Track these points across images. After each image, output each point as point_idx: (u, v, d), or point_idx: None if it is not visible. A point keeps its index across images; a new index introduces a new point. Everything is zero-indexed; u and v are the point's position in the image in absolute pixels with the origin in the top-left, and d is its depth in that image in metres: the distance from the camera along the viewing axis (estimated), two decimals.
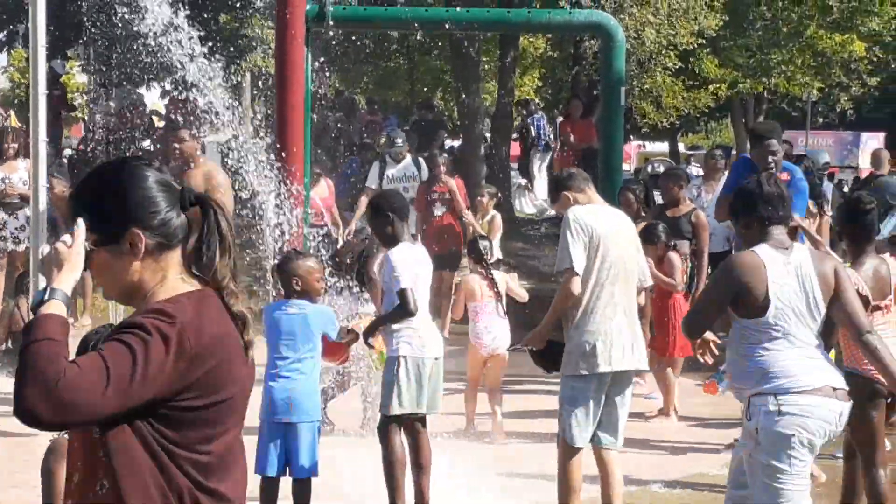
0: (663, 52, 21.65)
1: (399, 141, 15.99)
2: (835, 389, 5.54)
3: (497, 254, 14.96)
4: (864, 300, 6.45)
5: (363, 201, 14.20)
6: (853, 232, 7.17)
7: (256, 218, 9.64)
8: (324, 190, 15.47)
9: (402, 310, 7.20)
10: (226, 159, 9.50)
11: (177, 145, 10.42)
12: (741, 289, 5.52)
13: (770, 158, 9.02)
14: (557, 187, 7.21)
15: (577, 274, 6.75)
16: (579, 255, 6.76)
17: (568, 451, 6.88)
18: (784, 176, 8.86)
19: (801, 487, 5.50)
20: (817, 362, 5.57)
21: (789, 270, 5.57)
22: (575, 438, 6.86)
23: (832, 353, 6.35)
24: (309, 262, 7.17)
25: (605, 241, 6.83)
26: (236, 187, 9.89)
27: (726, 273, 5.64)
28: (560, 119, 24.21)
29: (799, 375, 5.49)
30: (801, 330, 5.55)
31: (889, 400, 7.02)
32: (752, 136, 9.55)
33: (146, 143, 22.04)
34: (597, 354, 6.80)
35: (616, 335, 6.84)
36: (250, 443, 6.93)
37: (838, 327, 5.92)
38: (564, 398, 6.90)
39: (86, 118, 25.56)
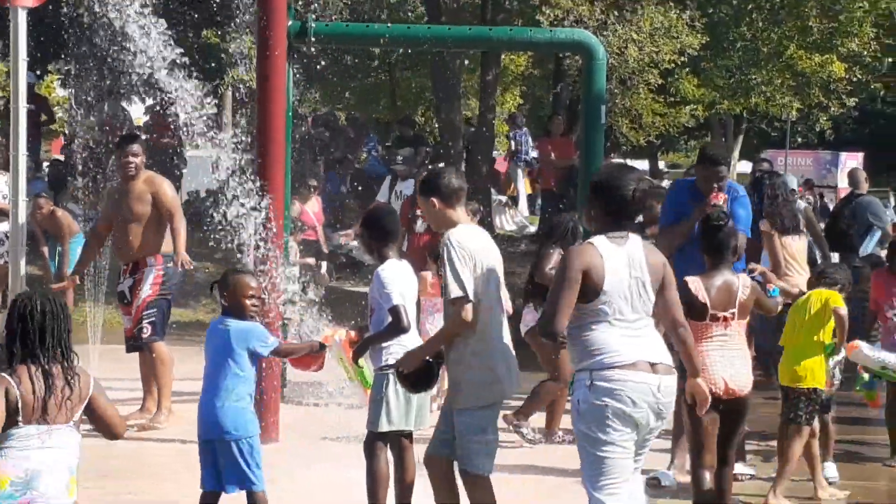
0: (645, 69, 21.73)
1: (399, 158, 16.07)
2: (652, 364, 6.01)
3: None
4: (703, 307, 7.45)
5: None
6: (707, 246, 7.84)
7: (236, 232, 9.65)
8: (314, 205, 15.56)
9: (396, 326, 7.18)
10: (213, 175, 9.55)
11: (132, 160, 10.63)
12: (586, 269, 6.01)
13: (716, 184, 9.02)
14: (431, 189, 6.94)
15: (471, 301, 6.60)
16: (469, 281, 6.60)
17: (481, 481, 6.78)
18: (722, 197, 8.86)
19: (620, 455, 5.94)
20: (638, 340, 6.04)
21: (622, 259, 6.07)
22: (488, 467, 6.83)
23: None
24: (243, 279, 7.10)
25: (486, 264, 6.75)
26: (218, 201, 9.89)
27: (570, 262, 6.06)
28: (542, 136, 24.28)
29: (614, 352, 5.98)
30: (628, 312, 6.04)
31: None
32: (703, 158, 9.38)
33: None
34: (501, 381, 6.77)
35: (511, 358, 6.86)
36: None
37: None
38: (473, 429, 6.73)
39: (66, 132, 25.52)
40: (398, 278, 7.27)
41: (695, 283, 7.56)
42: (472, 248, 6.70)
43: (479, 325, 6.63)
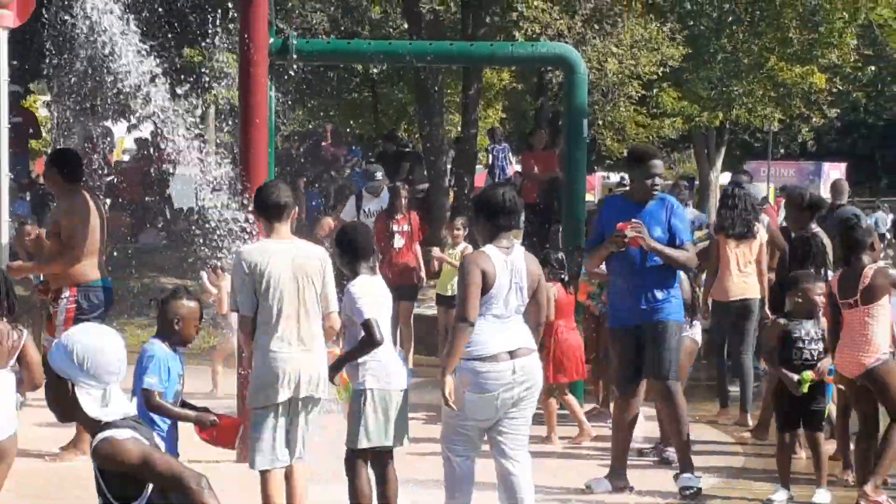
0: (626, 82, 21.79)
1: (378, 175, 16.06)
2: (511, 352, 7.07)
3: None
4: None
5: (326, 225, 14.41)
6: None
7: (222, 246, 9.64)
8: (325, 228, 15.54)
9: (368, 340, 7.22)
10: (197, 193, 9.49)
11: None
12: (483, 273, 7.02)
13: (653, 181, 9.07)
14: (266, 209, 7.38)
15: (247, 316, 7.14)
16: (247, 298, 7.11)
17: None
18: (630, 226, 8.87)
19: (473, 430, 7.09)
20: (505, 333, 7.08)
21: (504, 266, 7.09)
22: (255, 463, 7.18)
23: None
24: (193, 304, 6.88)
25: (273, 277, 7.05)
26: (205, 219, 9.84)
27: (470, 267, 7.10)
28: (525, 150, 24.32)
29: (482, 346, 7.01)
30: (502, 311, 7.08)
31: None
32: (634, 157, 9.35)
33: (110, 178, 22.05)
34: (272, 386, 7.07)
35: (293, 366, 7.06)
36: None
37: None
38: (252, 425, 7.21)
39: (49, 152, 25.49)
40: (368, 293, 7.31)
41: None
42: (257, 261, 7.10)
43: (256, 335, 7.11)
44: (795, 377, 8.73)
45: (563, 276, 11.28)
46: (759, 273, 11.92)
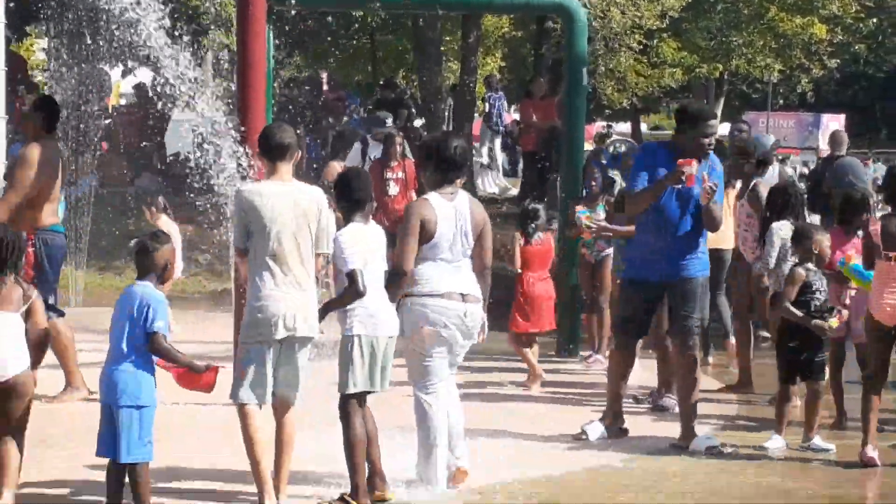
0: (628, 32, 21.69)
1: (388, 121, 15.92)
2: (462, 295, 7.51)
3: None
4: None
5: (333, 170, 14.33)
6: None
7: (219, 197, 9.61)
8: (332, 173, 15.41)
9: (351, 290, 7.27)
10: (195, 138, 9.42)
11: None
12: (422, 221, 7.41)
13: (710, 140, 8.95)
14: (269, 149, 7.34)
15: (239, 247, 7.24)
16: (239, 233, 7.22)
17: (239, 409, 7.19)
18: (694, 164, 8.71)
19: (437, 364, 7.53)
20: (455, 275, 7.51)
21: (448, 213, 7.49)
22: (239, 396, 7.14)
23: None
24: (170, 246, 7.07)
25: (269, 218, 7.09)
26: (202, 165, 9.78)
27: (409, 216, 7.50)
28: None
29: (429, 281, 7.45)
30: (448, 255, 7.48)
31: None
32: (690, 115, 9.06)
33: (106, 121, 21.98)
34: (263, 324, 7.06)
35: (286, 305, 7.07)
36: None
37: None
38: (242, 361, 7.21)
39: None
40: (358, 241, 7.33)
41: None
42: (252, 200, 7.14)
43: (251, 273, 7.18)
44: (824, 323, 8.84)
45: (530, 228, 11.34)
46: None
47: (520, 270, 11.29)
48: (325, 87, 25.10)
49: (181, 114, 14.89)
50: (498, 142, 24.74)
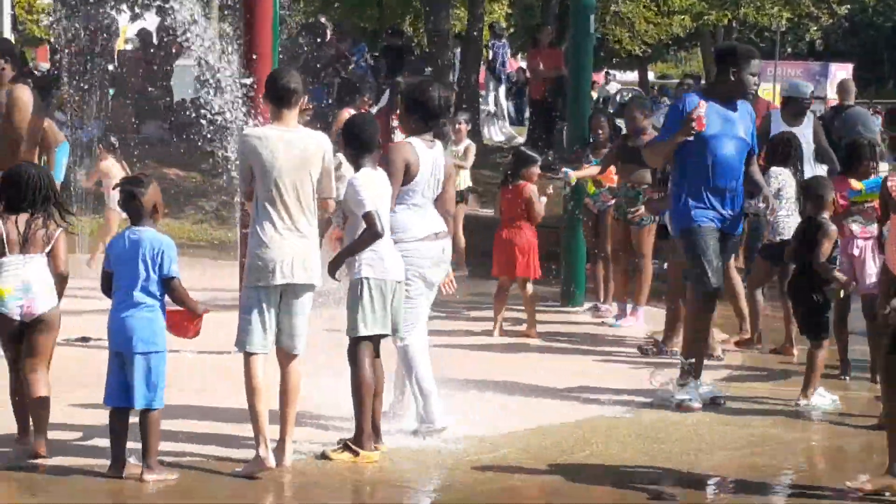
0: None
1: (427, 70, 15.76)
2: (436, 234, 7.75)
3: (468, 182, 15.06)
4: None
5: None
6: None
7: (224, 144, 9.60)
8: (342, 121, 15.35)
9: (370, 232, 7.25)
10: (198, 84, 9.37)
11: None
12: (406, 163, 7.59)
13: (755, 79, 8.87)
14: (274, 94, 7.30)
15: (243, 188, 7.28)
16: (243, 175, 7.22)
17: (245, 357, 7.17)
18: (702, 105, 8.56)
19: (421, 305, 7.75)
20: (427, 218, 7.73)
21: (428, 158, 7.71)
22: (241, 343, 7.13)
23: None
24: (155, 187, 7.05)
25: (269, 163, 7.06)
26: (208, 113, 9.77)
27: (397, 155, 7.64)
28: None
29: (409, 229, 7.66)
30: (421, 200, 7.71)
31: None
32: (731, 55, 8.85)
33: (111, 66, 21.91)
34: (268, 269, 7.05)
35: (285, 252, 7.05)
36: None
37: None
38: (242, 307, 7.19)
39: (52, 40, 25.30)
40: (371, 185, 7.32)
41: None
42: (254, 146, 7.11)
43: (253, 219, 7.20)
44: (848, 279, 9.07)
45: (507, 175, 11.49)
46: None
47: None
48: (329, 35, 24.94)
49: (186, 59, 14.84)
50: (502, 89, 24.66)
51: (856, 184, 9.75)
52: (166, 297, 6.96)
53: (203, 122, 9.52)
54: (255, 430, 7.04)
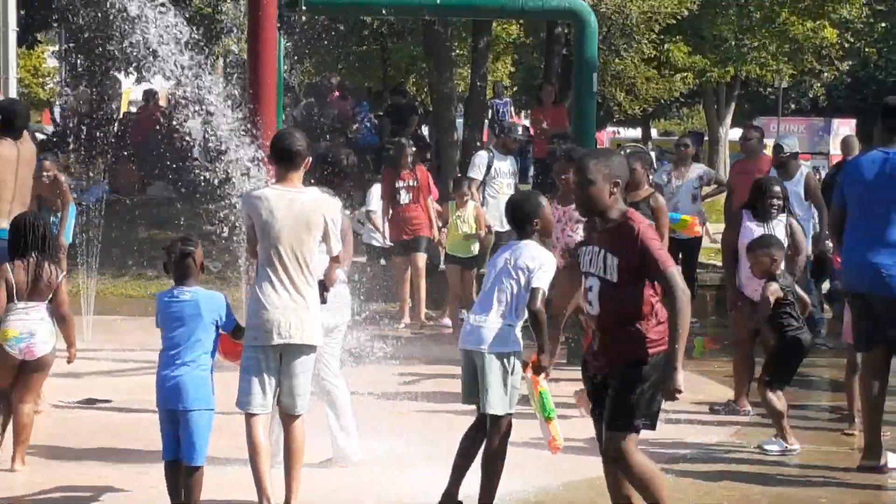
0: (644, 28, 21.69)
1: (519, 129, 15.75)
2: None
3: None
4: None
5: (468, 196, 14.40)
6: None
7: (230, 203, 9.61)
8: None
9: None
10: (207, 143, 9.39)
11: None
12: None
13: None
14: (277, 155, 7.36)
15: (250, 252, 7.39)
16: (249, 233, 7.32)
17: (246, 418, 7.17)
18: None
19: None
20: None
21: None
22: (242, 404, 7.12)
23: None
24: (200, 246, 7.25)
25: (268, 224, 7.09)
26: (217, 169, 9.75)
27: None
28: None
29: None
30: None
31: None
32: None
33: (116, 128, 22.04)
34: (264, 329, 7.05)
35: (282, 312, 7.05)
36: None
37: None
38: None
39: (57, 103, 25.47)
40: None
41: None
42: (255, 205, 7.18)
43: (255, 277, 7.28)
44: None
45: None
46: None
47: None
48: (332, 95, 25.07)
49: (194, 121, 14.87)
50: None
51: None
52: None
53: (208, 183, 9.54)
54: (257, 490, 7.01)
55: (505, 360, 7.07)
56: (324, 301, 7.33)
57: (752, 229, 10.00)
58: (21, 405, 8.02)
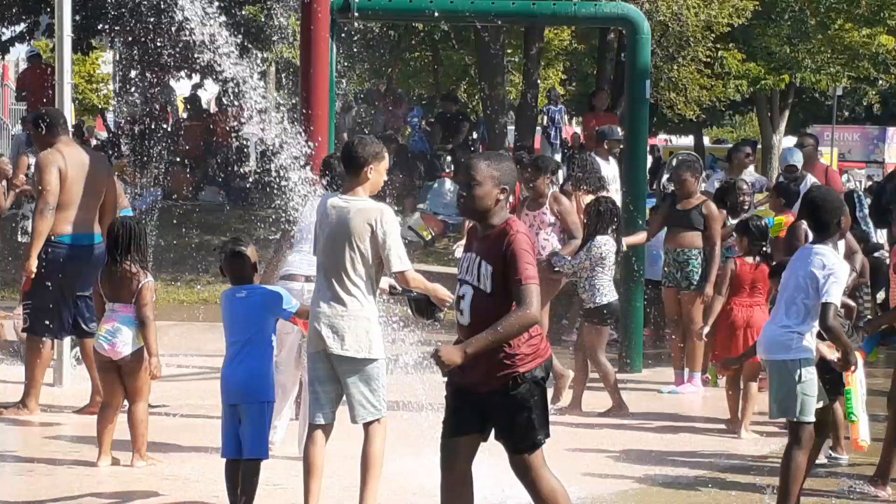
0: (700, 35, 21.58)
1: (618, 130, 15.48)
2: (306, 277, 8.20)
3: None
4: None
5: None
6: None
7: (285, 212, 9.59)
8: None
9: None
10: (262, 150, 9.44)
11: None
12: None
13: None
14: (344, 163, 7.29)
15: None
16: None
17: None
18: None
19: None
20: (309, 261, 7.94)
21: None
22: (312, 416, 7.05)
23: None
24: (253, 247, 7.39)
25: (320, 231, 7.13)
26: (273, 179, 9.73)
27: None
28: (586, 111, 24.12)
29: (288, 267, 8.54)
30: (307, 245, 8.16)
31: None
32: None
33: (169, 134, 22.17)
34: (310, 335, 7.08)
35: (318, 319, 6.99)
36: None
37: None
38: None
39: (112, 109, 25.64)
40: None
41: None
42: (310, 212, 7.44)
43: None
44: None
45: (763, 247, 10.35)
46: None
47: None
48: (384, 100, 25.10)
49: (249, 127, 14.94)
50: (557, 157, 24.67)
51: None
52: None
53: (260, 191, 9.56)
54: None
55: (794, 368, 7.11)
56: (429, 316, 7.09)
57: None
58: (132, 407, 8.26)
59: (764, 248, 10.17)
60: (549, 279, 10.58)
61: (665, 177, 18.95)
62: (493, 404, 5.92)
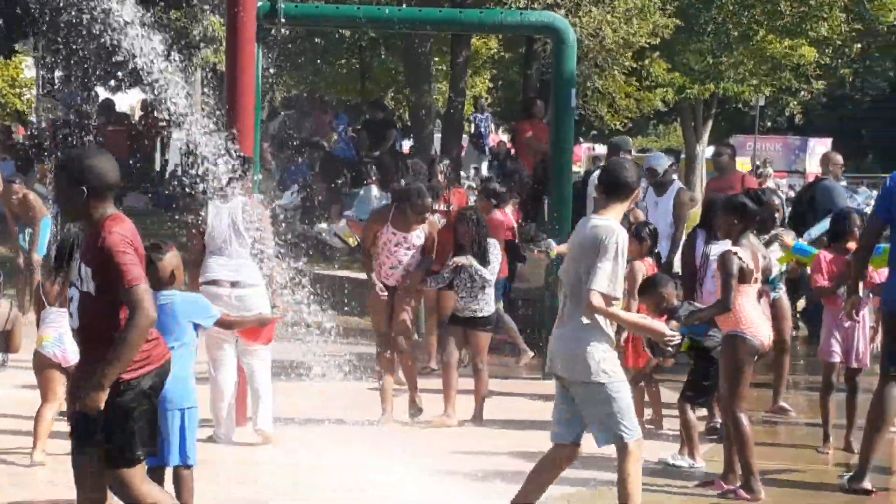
0: (620, 51, 21.71)
1: (630, 141, 15.39)
2: (231, 283, 9.11)
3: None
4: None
5: None
6: None
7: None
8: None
9: None
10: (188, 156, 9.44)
11: None
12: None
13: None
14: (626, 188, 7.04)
15: None
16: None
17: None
18: None
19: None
20: (231, 266, 9.19)
21: (225, 213, 9.33)
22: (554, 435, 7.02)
23: None
24: (174, 254, 7.24)
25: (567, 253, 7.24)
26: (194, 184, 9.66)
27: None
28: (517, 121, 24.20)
29: (208, 273, 9.20)
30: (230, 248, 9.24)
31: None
32: None
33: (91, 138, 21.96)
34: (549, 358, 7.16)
35: (551, 341, 7.06)
36: None
37: None
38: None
39: (34, 114, 25.36)
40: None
41: None
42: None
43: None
44: None
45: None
46: None
47: None
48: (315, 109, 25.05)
49: (179, 132, 14.83)
50: (485, 164, 24.73)
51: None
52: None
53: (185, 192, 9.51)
54: None
55: None
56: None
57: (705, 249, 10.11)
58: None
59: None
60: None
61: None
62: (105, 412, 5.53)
